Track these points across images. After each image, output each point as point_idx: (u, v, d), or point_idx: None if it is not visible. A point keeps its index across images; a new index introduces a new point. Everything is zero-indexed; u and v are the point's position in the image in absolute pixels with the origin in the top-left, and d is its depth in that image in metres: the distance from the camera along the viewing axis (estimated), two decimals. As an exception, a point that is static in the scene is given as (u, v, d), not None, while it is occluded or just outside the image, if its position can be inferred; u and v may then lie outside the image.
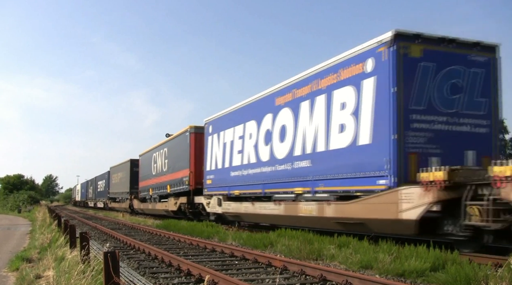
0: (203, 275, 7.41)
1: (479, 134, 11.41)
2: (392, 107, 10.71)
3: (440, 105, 11.16)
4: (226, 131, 19.43)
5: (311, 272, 7.92)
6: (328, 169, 12.80)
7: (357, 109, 11.82)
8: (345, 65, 12.39)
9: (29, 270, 8.33)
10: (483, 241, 9.29)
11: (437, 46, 11.25)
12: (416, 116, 10.87)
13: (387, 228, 11.02)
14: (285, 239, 11.91)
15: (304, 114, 14.04)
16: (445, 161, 10.18)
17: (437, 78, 11.14)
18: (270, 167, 15.94)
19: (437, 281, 7.21)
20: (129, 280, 7.58)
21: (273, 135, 15.81)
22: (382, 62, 11.10)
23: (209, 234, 15.85)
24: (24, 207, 56.83)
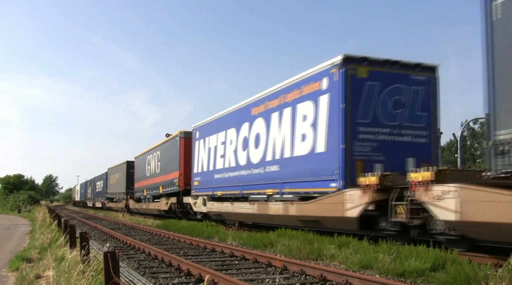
0: (203, 275, 7.40)
1: (419, 143, 13.01)
2: (341, 120, 12.45)
3: (384, 118, 12.82)
4: (211, 137, 21.24)
5: (311, 272, 7.92)
6: (293, 173, 14.56)
7: (315, 121, 13.57)
8: (306, 82, 14.13)
9: (29, 270, 8.33)
10: (411, 235, 10.76)
11: (382, 67, 12.93)
12: (362, 128, 12.56)
13: (336, 224, 12.89)
14: (285, 239, 11.92)
15: (274, 124, 15.86)
16: (388, 167, 11.69)
17: (382, 95, 12.79)
18: (247, 170, 17.71)
19: (437, 281, 7.21)
20: (129, 280, 7.58)
21: (249, 141, 17.58)
22: (334, 81, 12.80)
23: (209, 234, 15.85)
24: (24, 207, 56.84)
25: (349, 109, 12.43)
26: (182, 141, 25.17)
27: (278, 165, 15.54)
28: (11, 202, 67.11)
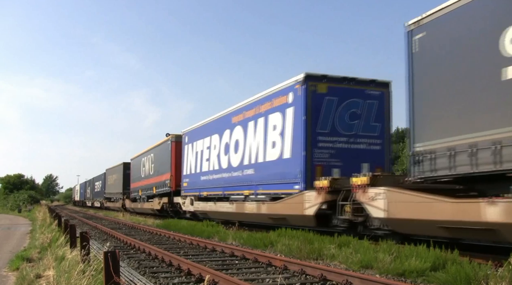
0: (204, 275, 7.40)
1: (373, 150, 14.47)
2: (303, 130, 14.09)
3: (341, 129, 14.49)
4: (198, 141, 23.04)
5: (311, 272, 7.92)
6: (265, 176, 16.27)
7: (283, 131, 15.26)
8: (276, 96, 15.84)
9: (29, 269, 8.33)
10: (358, 231, 12.22)
11: (340, 84, 14.59)
12: (322, 137, 14.25)
13: (298, 221, 14.37)
14: (285, 239, 11.92)
15: (251, 132, 17.51)
16: (345, 171, 13.31)
17: (339, 108, 14.47)
18: (228, 173, 19.40)
19: (438, 280, 7.20)
20: (129, 280, 7.58)
21: (230, 147, 19.26)
22: (297, 96, 14.44)
23: (209, 234, 15.86)
24: (24, 207, 56.86)
25: (310, 120, 14.16)
26: (173, 145, 26.75)
27: (253, 169, 17.27)
28: (11, 201, 67.14)
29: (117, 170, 44.33)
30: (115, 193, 44.86)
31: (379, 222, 11.34)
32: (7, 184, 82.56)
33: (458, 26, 9.46)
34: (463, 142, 8.99)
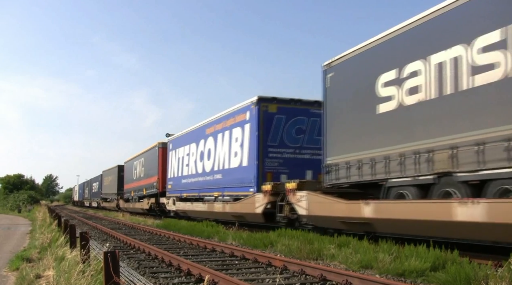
0: (203, 275, 7.40)
1: (316, 159, 15.69)
2: (256, 143, 16.91)
3: (288, 142, 17.23)
4: (180, 148, 25.89)
5: (311, 272, 7.92)
6: (229, 180, 19.07)
7: (242, 143, 18.00)
8: (238, 113, 18.70)
9: (29, 270, 8.32)
10: (295, 225, 14.67)
11: (287, 104, 17.37)
12: (272, 149, 17.03)
13: (252, 218, 17.34)
14: (285, 239, 11.92)
15: (219, 142, 20.35)
16: (291, 177, 15.37)
17: (287, 125, 17.22)
18: (202, 177, 22.24)
19: (437, 281, 7.20)
20: (129, 280, 7.58)
21: (204, 155, 22.14)
22: (253, 114, 17.24)
23: (209, 234, 15.86)
24: (24, 207, 56.83)
25: (262, 135, 16.92)
26: (160, 151, 29.67)
27: (221, 174, 20.07)
28: (11, 201, 67.10)
29: (112, 172, 46.92)
30: (110, 193, 47.75)
31: (305, 219, 13.97)
32: (7, 184, 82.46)
33: (352, 71, 12.61)
34: (354, 158, 12.09)
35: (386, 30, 11.40)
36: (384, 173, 11.08)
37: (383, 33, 11.51)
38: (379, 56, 11.62)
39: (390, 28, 11.26)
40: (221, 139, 20.22)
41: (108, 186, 49.21)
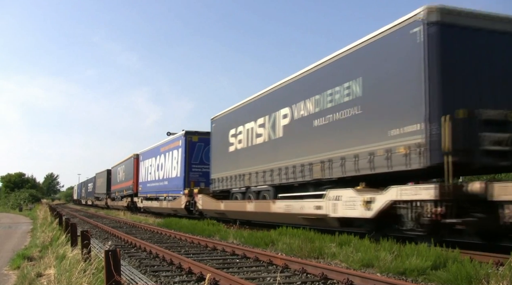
0: (204, 274, 7.40)
1: None
2: (185, 161, 25.49)
3: (205, 161, 24.96)
4: (146, 160, 34.75)
5: (312, 271, 7.92)
6: (171, 186, 27.63)
7: (177, 160, 26.61)
8: (175, 140, 27.44)
9: (30, 268, 8.33)
10: (204, 215, 22.57)
11: (205, 136, 25.01)
12: (194, 166, 25.60)
13: (180, 212, 25.62)
14: (286, 238, 11.91)
15: (167, 159, 29.04)
16: (207, 185, 23.59)
17: (204, 150, 25.29)
18: (158, 183, 31.05)
19: (439, 279, 7.20)
20: (130, 279, 7.58)
21: (159, 166, 30.90)
22: (183, 142, 25.78)
23: (210, 233, 15.85)
24: (25, 206, 56.90)
25: (188, 156, 25.56)
26: (135, 161, 37.87)
27: (167, 181, 28.81)
28: (12, 200, 67.13)
29: (103, 175, 54.95)
30: (101, 193, 56.07)
31: (202, 211, 22.50)
32: (8, 183, 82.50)
33: (221, 124, 21.24)
34: (220, 176, 20.70)
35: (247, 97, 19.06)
36: (230, 185, 19.71)
37: (233, 106, 20.31)
38: (229, 119, 20.38)
39: (237, 103, 19.93)
40: (167, 157, 29.02)
41: (100, 187, 57.24)
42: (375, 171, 11.16)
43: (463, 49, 10.07)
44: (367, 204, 11.04)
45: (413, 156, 10.00)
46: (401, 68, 10.62)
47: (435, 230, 9.87)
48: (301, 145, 14.45)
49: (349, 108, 12.20)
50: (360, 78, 11.83)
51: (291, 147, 15.03)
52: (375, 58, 11.48)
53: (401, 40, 10.59)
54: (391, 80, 10.97)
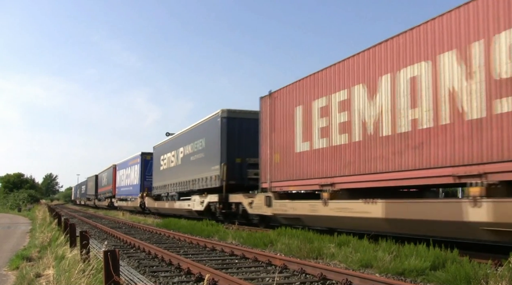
0: (203, 274, 7.40)
1: None
2: (140, 173, 36.42)
3: None
4: (120, 170, 44.69)
5: (311, 271, 7.92)
6: (133, 190, 38.19)
7: (137, 172, 37.27)
8: (136, 158, 38.13)
9: (29, 268, 8.32)
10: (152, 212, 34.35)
11: None
12: (147, 176, 35.39)
13: (136, 209, 37.15)
14: (285, 238, 11.91)
15: (131, 171, 39.41)
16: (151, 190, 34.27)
17: None
18: (127, 188, 41.12)
19: (437, 280, 7.20)
20: (129, 279, 7.58)
21: (127, 176, 41.08)
22: (140, 160, 36.63)
23: (209, 233, 15.85)
24: (24, 206, 56.84)
25: (143, 170, 35.97)
26: (113, 170, 47.47)
27: (131, 187, 39.14)
28: (11, 201, 67.07)
29: (92, 179, 64.27)
30: (91, 194, 65.59)
31: (148, 209, 33.55)
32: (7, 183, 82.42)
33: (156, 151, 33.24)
34: (157, 185, 31.97)
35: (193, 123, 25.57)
36: (160, 191, 30.51)
37: (160, 142, 32.20)
38: (161, 148, 31.24)
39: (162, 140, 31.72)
40: (132, 169, 39.55)
41: (90, 189, 66.56)
42: (207, 187, 21.51)
43: (237, 128, 20.07)
44: (201, 203, 22.23)
45: (216, 180, 20.23)
46: (214, 136, 20.88)
47: (224, 216, 20.38)
48: (187, 170, 25.05)
49: (200, 153, 23.00)
50: (204, 138, 22.57)
51: (184, 171, 25.64)
52: (208, 129, 22.06)
53: (214, 122, 20.94)
54: (212, 141, 21.28)
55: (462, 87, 9.38)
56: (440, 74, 9.89)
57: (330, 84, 13.48)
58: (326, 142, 13.52)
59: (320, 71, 13.97)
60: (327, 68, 13.63)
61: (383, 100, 11.41)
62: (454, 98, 9.53)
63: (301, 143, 14.79)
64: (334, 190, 13.00)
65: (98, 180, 58.96)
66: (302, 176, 14.56)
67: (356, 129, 12.28)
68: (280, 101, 16.13)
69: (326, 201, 13.06)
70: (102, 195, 54.91)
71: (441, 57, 9.88)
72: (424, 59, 10.33)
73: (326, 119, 13.53)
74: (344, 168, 12.64)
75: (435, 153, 9.84)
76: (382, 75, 11.46)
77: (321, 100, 13.83)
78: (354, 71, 12.48)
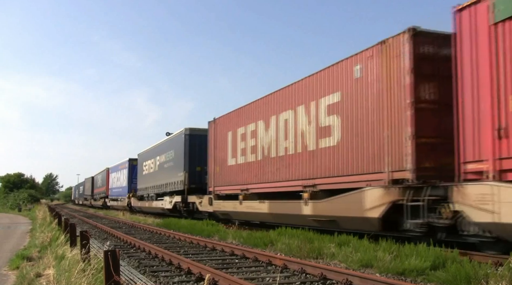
0: (204, 274, 7.40)
1: None
2: (129, 177, 41.61)
3: None
4: (112, 173, 49.92)
5: (311, 271, 7.92)
6: (122, 192, 43.80)
7: (125, 176, 42.68)
8: (124, 163, 43.52)
9: (29, 268, 8.32)
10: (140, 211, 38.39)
11: None
12: (134, 179, 39.83)
13: (124, 208, 41.26)
14: (285, 238, 11.91)
15: (120, 174, 45.18)
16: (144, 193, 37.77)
17: None
18: (117, 189, 46.39)
19: (438, 279, 7.20)
20: (129, 279, 7.58)
21: (118, 179, 46.45)
22: (127, 165, 42.10)
23: (209, 233, 15.85)
24: (24, 206, 56.84)
25: (131, 174, 40.96)
26: (107, 172, 52.37)
27: (121, 189, 44.23)
28: (11, 200, 67.04)
29: (89, 181, 69.35)
30: (88, 195, 70.36)
31: (134, 208, 39.14)
32: (7, 183, 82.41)
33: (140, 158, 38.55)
34: (140, 187, 36.87)
35: None
36: (143, 193, 35.60)
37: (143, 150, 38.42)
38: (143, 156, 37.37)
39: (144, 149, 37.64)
40: (121, 173, 44.34)
41: (87, 190, 71.38)
42: (175, 189, 26.45)
43: (197, 143, 24.55)
44: (170, 203, 27.19)
45: (181, 184, 25.18)
46: (180, 149, 25.88)
47: (186, 212, 24.94)
48: (161, 175, 30.02)
49: (171, 162, 28.06)
50: (173, 150, 27.58)
51: (160, 176, 30.59)
52: (176, 143, 27.08)
53: (180, 138, 25.92)
54: (178, 153, 26.24)
55: (306, 130, 14.53)
56: (298, 119, 15.04)
57: (246, 118, 18.77)
58: (244, 159, 18.66)
59: (242, 107, 19.31)
60: (246, 106, 18.91)
61: (272, 133, 16.60)
62: (303, 136, 14.68)
63: (230, 159, 19.95)
64: (247, 193, 18.20)
65: (94, 181, 64.18)
66: (231, 183, 19.74)
67: (259, 151, 17.45)
68: (219, 127, 21.38)
69: (241, 201, 18.43)
70: (97, 195, 60.16)
71: (298, 108, 15.03)
72: (291, 108, 15.53)
73: (244, 143, 18.68)
74: (253, 178, 17.89)
75: (295, 171, 15.07)
76: (272, 116, 16.70)
77: (242, 129, 19.02)
78: (258, 110, 17.79)
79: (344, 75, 12.78)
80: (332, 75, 13.32)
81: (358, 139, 12.08)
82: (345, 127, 12.64)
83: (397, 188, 10.61)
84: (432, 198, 9.75)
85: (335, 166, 12.99)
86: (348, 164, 12.43)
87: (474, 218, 8.86)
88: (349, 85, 12.55)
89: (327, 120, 13.39)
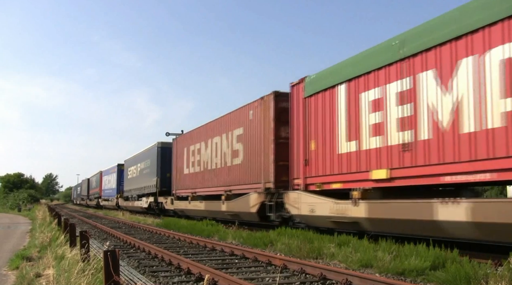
0: (203, 274, 7.40)
1: None
2: (118, 180, 46.33)
3: None
4: (105, 176, 54.30)
5: (311, 271, 7.92)
6: (112, 193, 48.58)
7: (115, 179, 47.72)
8: (113, 168, 49.20)
9: (29, 268, 8.32)
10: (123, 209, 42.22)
11: None
12: (123, 182, 44.32)
13: (114, 207, 48.77)
14: (285, 238, 11.91)
15: (111, 177, 50.49)
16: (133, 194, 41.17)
17: None
18: (108, 190, 51.39)
19: (437, 279, 7.20)
20: (129, 279, 7.58)
21: (109, 181, 51.55)
22: (116, 170, 47.01)
23: (209, 233, 15.85)
24: (24, 206, 56.85)
25: (119, 177, 45.70)
26: (100, 175, 57.19)
27: (111, 190, 49.22)
28: (11, 200, 67.07)
29: (85, 182, 74.60)
30: (84, 195, 74.96)
31: (121, 207, 42.90)
32: (7, 183, 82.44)
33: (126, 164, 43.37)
34: (126, 189, 42.20)
35: None
36: (128, 194, 40.86)
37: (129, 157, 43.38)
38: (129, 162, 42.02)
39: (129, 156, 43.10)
40: (111, 176, 49.17)
41: (83, 190, 76.14)
42: (150, 192, 32.04)
43: (168, 154, 29.64)
44: (146, 202, 33.07)
45: (154, 188, 30.79)
46: (154, 159, 31.48)
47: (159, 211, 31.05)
48: (141, 179, 35.13)
49: (147, 169, 32.96)
50: (150, 159, 32.63)
51: (140, 180, 35.56)
52: (151, 153, 32.39)
53: (154, 149, 31.59)
54: (153, 161, 31.70)
55: (226, 151, 20.00)
56: (222, 143, 20.52)
57: (195, 138, 24.38)
58: (194, 169, 24.32)
59: (193, 130, 25.01)
60: (196, 129, 24.53)
61: (209, 151, 22.14)
62: (225, 155, 20.13)
63: (185, 169, 25.71)
64: (195, 195, 23.76)
65: (89, 183, 69.65)
66: (186, 187, 25.36)
67: (202, 164, 22.99)
68: (179, 144, 27.32)
69: (190, 201, 24.13)
70: (92, 196, 65.80)
71: (223, 135, 20.47)
72: (219, 134, 21.04)
73: (194, 157, 24.46)
74: (198, 184, 23.38)
75: (220, 180, 20.54)
76: (209, 139, 22.26)
77: (192, 146, 24.83)
78: (202, 134, 23.41)
79: (244, 116, 18.32)
80: (239, 115, 18.92)
81: (251, 160, 17.50)
82: (245, 151, 18.10)
83: (264, 193, 16.20)
84: (279, 200, 15.24)
85: (240, 178, 18.41)
86: (246, 177, 17.89)
87: (291, 212, 14.59)
88: (247, 123, 18.05)
89: (237, 146, 18.95)
